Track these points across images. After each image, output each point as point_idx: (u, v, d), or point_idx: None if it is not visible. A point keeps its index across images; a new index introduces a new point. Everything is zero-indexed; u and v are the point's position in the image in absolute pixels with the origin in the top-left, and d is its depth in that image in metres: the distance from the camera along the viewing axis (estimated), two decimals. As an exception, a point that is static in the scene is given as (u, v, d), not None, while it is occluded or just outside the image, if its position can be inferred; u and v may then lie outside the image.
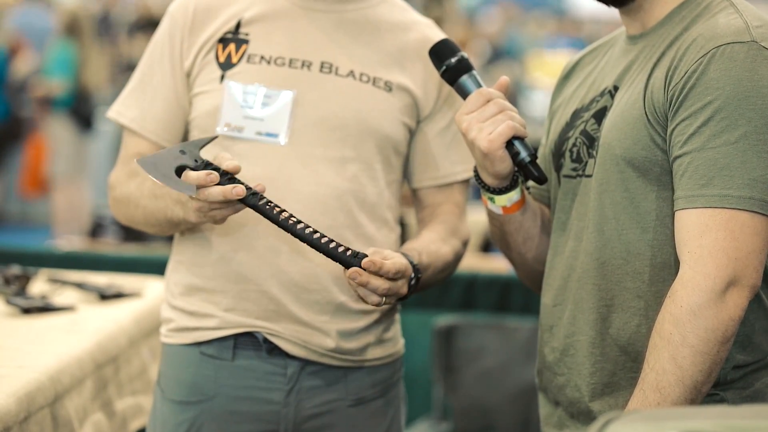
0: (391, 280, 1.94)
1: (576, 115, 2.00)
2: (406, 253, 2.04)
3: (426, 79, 2.22)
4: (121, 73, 9.52)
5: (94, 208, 7.91)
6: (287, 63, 2.18)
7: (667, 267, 1.83)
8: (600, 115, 1.93)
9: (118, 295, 2.93)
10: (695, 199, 1.76)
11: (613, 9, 1.96)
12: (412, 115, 2.22)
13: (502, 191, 1.98)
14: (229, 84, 2.17)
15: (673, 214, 1.80)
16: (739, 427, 1.31)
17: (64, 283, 2.98)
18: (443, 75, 2.01)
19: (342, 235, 2.12)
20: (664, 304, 1.76)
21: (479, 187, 2.00)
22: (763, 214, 1.74)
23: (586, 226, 1.92)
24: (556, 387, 1.98)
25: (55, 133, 8.45)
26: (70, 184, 8.52)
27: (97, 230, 6.56)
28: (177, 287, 2.23)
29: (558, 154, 2.01)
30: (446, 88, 2.21)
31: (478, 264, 4.59)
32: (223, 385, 2.19)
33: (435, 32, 2.23)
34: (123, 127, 2.27)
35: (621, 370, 1.88)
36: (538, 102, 11.26)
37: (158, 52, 2.25)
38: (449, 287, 4.01)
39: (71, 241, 6.93)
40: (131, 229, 5.32)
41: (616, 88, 1.93)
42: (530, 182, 2.08)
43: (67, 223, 8.41)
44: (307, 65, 2.18)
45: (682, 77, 1.79)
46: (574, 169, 1.97)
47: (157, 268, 3.18)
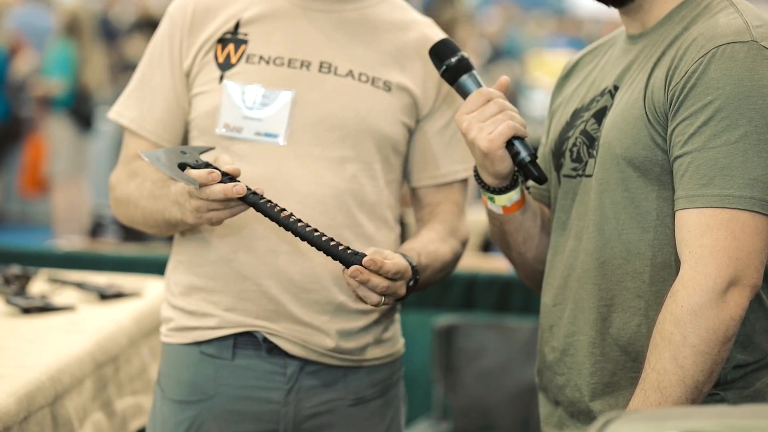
0: (391, 280, 1.94)
1: (576, 114, 2.00)
2: (405, 254, 2.04)
3: (425, 79, 2.22)
4: (121, 73, 9.51)
5: (94, 208, 7.91)
6: (286, 63, 2.17)
7: (668, 267, 1.83)
8: (600, 115, 1.93)
9: (118, 295, 2.93)
10: (696, 198, 1.75)
11: (612, 9, 1.96)
12: (411, 115, 2.22)
13: (502, 191, 1.98)
14: (228, 84, 2.17)
15: (674, 213, 1.80)
16: (739, 426, 1.31)
17: (64, 283, 2.98)
18: (443, 75, 2.00)
19: (341, 235, 2.12)
20: (665, 304, 1.76)
21: (479, 186, 2.00)
22: (764, 214, 1.74)
23: (586, 225, 1.92)
24: (556, 387, 1.97)
25: (55, 133, 8.43)
26: (70, 183, 8.51)
27: (97, 230, 6.56)
28: (177, 287, 2.23)
29: (558, 154, 2.01)
30: (445, 87, 2.21)
31: (478, 264, 4.59)
32: (223, 384, 2.19)
33: (435, 31, 2.23)
34: (123, 127, 2.27)
35: (621, 370, 1.87)
36: (538, 101, 11.26)
37: (158, 53, 2.25)
38: (449, 287, 4.01)
39: (71, 241, 6.93)
40: (131, 229, 5.32)
41: (616, 88, 1.93)
42: (530, 182, 2.08)
43: (67, 223, 8.40)
44: (306, 65, 2.17)
45: (683, 77, 1.79)
46: (574, 169, 1.96)
47: (157, 267, 3.18)
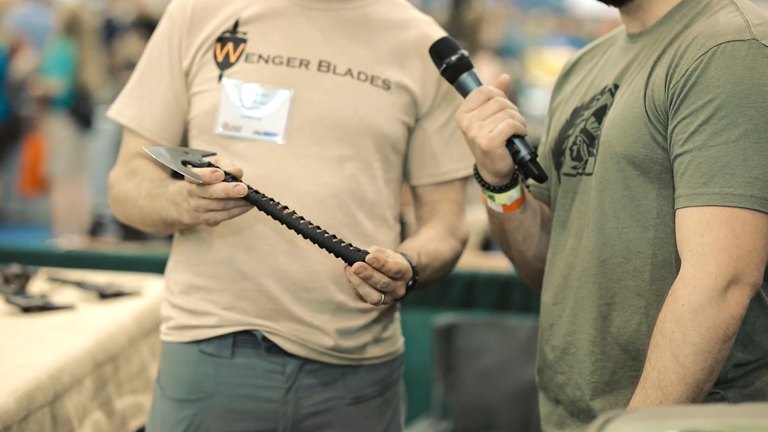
0: (391, 278, 1.94)
1: (576, 113, 2.00)
2: (406, 254, 2.04)
3: (424, 77, 2.22)
4: (118, 73, 9.50)
5: (94, 207, 7.91)
6: (285, 62, 2.17)
7: (668, 265, 1.83)
8: (600, 114, 1.93)
9: (118, 294, 2.93)
10: (696, 197, 1.75)
11: (613, 8, 1.96)
12: (411, 113, 2.22)
13: (502, 189, 1.97)
14: (227, 83, 2.17)
15: (674, 212, 1.80)
16: (739, 426, 1.31)
17: (64, 282, 2.98)
18: (443, 73, 2.00)
19: (340, 234, 2.12)
20: (665, 303, 1.76)
21: (479, 185, 2.00)
22: (764, 213, 1.73)
23: (586, 224, 1.91)
24: (556, 385, 1.97)
25: (55, 132, 8.43)
26: (70, 183, 8.51)
27: (96, 229, 6.56)
28: (176, 286, 2.23)
29: (558, 153, 2.01)
30: (445, 85, 2.20)
31: (478, 263, 4.59)
32: (223, 383, 2.19)
33: (434, 30, 2.23)
34: (122, 126, 2.27)
35: (621, 369, 1.87)
36: (538, 100, 11.25)
37: (157, 52, 2.25)
38: (449, 286, 4.00)
39: (71, 240, 6.92)
40: (131, 228, 5.31)
41: (617, 87, 1.93)
42: (530, 180, 2.08)
43: (66, 222, 8.40)
44: (305, 64, 2.17)
45: (683, 75, 1.79)
46: (574, 168, 1.96)
47: (157, 267, 3.18)
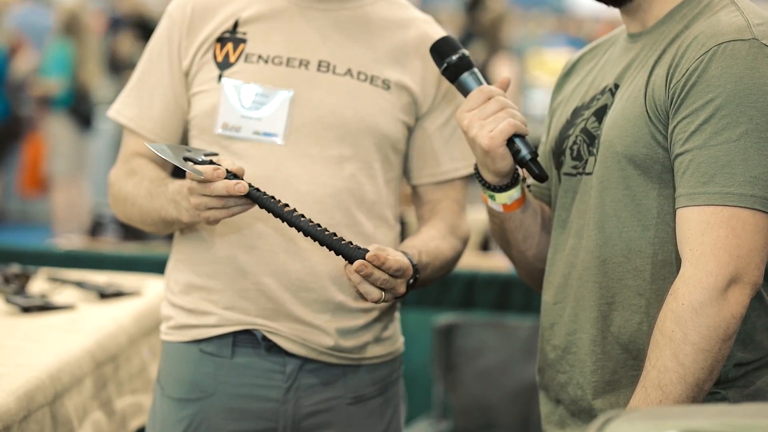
0: (392, 276, 1.94)
1: (576, 113, 2.00)
2: (406, 252, 2.04)
3: (424, 76, 2.22)
4: (113, 72, 9.50)
5: (94, 207, 7.90)
6: (285, 62, 2.17)
7: (668, 265, 1.83)
8: (600, 113, 1.93)
9: (118, 294, 2.93)
10: (697, 196, 1.75)
11: (613, 8, 1.96)
12: (411, 113, 2.22)
13: (502, 189, 1.97)
14: (227, 83, 2.17)
15: (674, 211, 1.80)
16: (740, 426, 1.31)
17: (64, 282, 2.98)
18: (444, 72, 2.00)
19: (340, 234, 2.12)
20: (665, 302, 1.76)
21: (480, 184, 2.00)
22: (765, 212, 1.73)
23: (586, 223, 1.91)
24: (557, 385, 1.97)
25: (55, 132, 8.43)
26: (70, 182, 8.50)
27: (96, 229, 6.55)
28: (177, 285, 2.23)
29: (558, 152, 2.01)
30: (445, 84, 2.20)
31: (478, 262, 4.59)
32: (223, 382, 2.19)
33: (434, 29, 2.23)
34: (122, 126, 2.27)
35: (622, 368, 1.87)
36: (538, 100, 11.25)
37: (156, 52, 2.25)
38: (449, 286, 4.00)
39: (71, 240, 6.92)
40: (131, 227, 5.31)
41: (617, 86, 1.93)
42: (531, 180, 2.08)
43: (66, 222, 8.39)
44: (305, 64, 2.17)
45: (684, 75, 1.79)
46: (575, 167, 1.96)
47: (157, 266, 3.18)
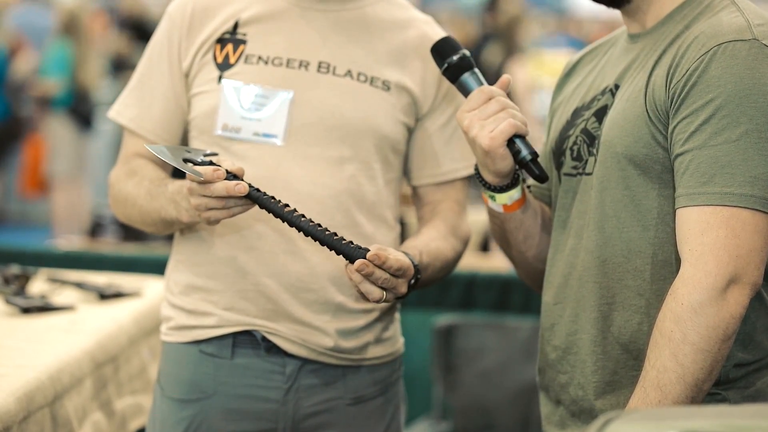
0: (393, 276, 1.94)
1: (577, 113, 2.00)
2: (407, 252, 2.03)
3: (425, 77, 2.21)
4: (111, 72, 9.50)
5: (94, 208, 7.90)
6: (285, 63, 2.17)
7: (668, 265, 1.83)
8: (601, 114, 1.93)
9: (118, 295, 2.93)
10: (696, 196, 1.75)
11: (613, 9, 1.96)
12: (411, 114, 2.22)
13: (502, 189, 1.97)
14: (227, 85, 2.17)
15: (674, 212, 1.80)
16: (740, 426, 1.31)
17: (64, 283, 2.98)
18: (445, 72, 2.00)
19: (340, 235, 2.12)
20: (665, 302, 1.76)
21: (480, 185, 2.00)
22: (765, 212, 1.73)
23: (586, 224, 1.91)
24: (558, 385, 1.97)
25: (55, 133, 8.42)
26: (70, 183, 8.50)
27: (96, 230, 6.55)
28: (177, 286, 2.23)
29: (558, 153, 2.01)
30: (445, 84, 2.20)
31: (478, 263, 4.59)
32: (222, 383, 2.19)
33: (434, 29, 2.23)
34: (122, 126, 2.27)
35: (623, 369, 1.87)
36: (538, 101, 11.24)
37: (157, 53, 2.24)
38: (449, 286, 4.00)
39: (71, 241, 6.92)
40: (131, 228, 5.32)
41: (617, 87, 1.93)
42: (531, 180, 2.08)
43: (66, 223, 8.39)
44: (305, 65, 2.17)
45: (684, 75, 1.79)
46: (575, 167, 1.96)
47: (157, 267, 3.18)
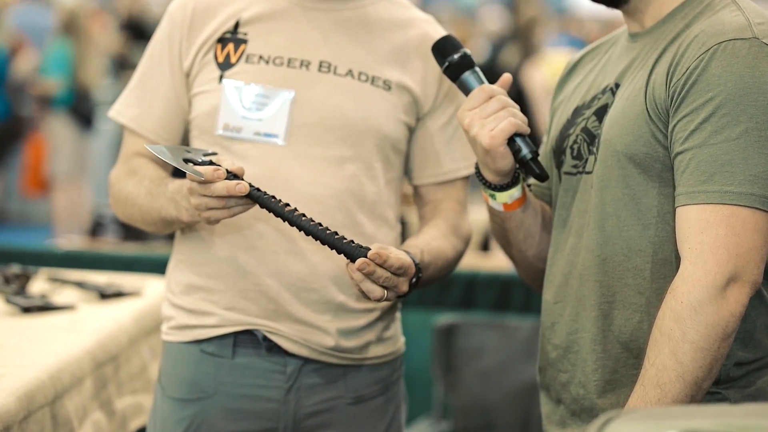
0: (394, 274, 1.94)
1: (577, 112, 2.00)
2: (409, 251, 2.03)
3: (425, 76, 2.21)
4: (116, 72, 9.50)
5: (95, 207, 7.91)
6: (286, 63, 2.17)
7: (668, 263, 1.83)
8: (601, 113, 1.93)
9: (118, 294, 2.93)
10: (696, 195, 1.75)
11: (614, 8, 1.96)
12: (412, 113, 2.22)
13: (503, 188, 1.97)
14: (228, 84, 2.17)
15: (674, 210, 1.80)
16: (740, 426, 1.31)
17: (64, 282, 2.98)
18: (446, 71, 2.00)
19: (341, 234, 2.12)
20: (664, 300, 1.76)
21: (480, 184, 2.00)
22: (764, 211, 1.73)
23: (586, 222, 1.91)
24: (559, 384, 1.97)
25: (56, 132, 8.42)
26: (71, 183, 8.50)
27: (97, 229, 6.55)
28: (178, 286, 2.23)
29: (559, 151, 2.01)
30: (446, 83, 2.20)
31: (479, 262, 4.59)
32: (223, 382, 2.19)
33: (435, 28, 2.23)
34: (123, 126, 2.27)
35: (623, 367, 1.87)
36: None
37: (157, 52, 2.24)
38: (449, 286, 4.00)
39: (71, 240, 6.93)
40: (131, 228, 5.32)
41: (618, 86, 1.93)
42: (531, 179, 2.08)
43: (67, 222, 8.39)
44: (306, 65, 2.17)
45: (684, 73, 1.79)
46: (575, 166, 1.96)
47: (157, 267, 3.18)
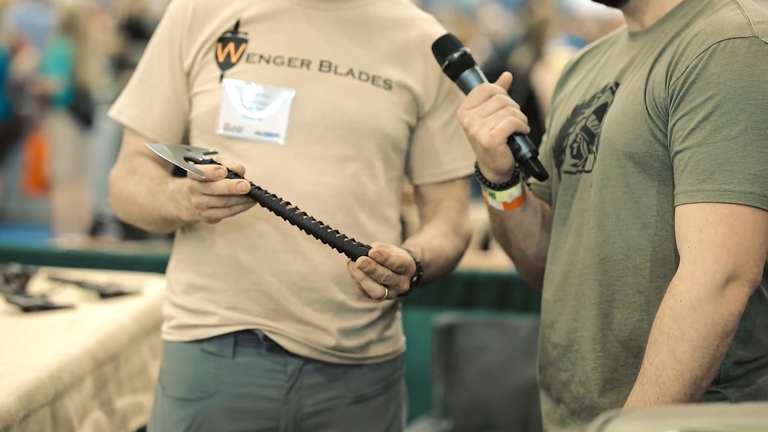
0: (395, 273, 1.94)
1: (577, 111, 2.00)
2: (410, 250, 2.03)
3: (426, 75, 2.22)
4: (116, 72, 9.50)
5: (95, 207, 7.91)
6: (286, 62, 2.17)
7: (668, 262, 1.83)
8: (601, 112, 1.93)
9: (118, 294, 2.93)
10: (695, 193, 1.75)
11: (614, 8, 1.96)
12: (413, 112, 2.22)
13: (503, 187, 1.97)
14: (228, 84, 2.17)
15: (674, 209, 1.80)
16: (740, 425, 1.31)
17: (64, 282, 2.98)
18: (446, 70, 2.00)
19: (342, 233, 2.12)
20: (664, 299, 1.76)
21: (480, 182, 2.00)
22: (764, 209, 1.73)
23: (586, 221, 1.91)
24: (559, 383, 1.97)
25: (56, 132, 8.42)
26: (71, 182, 8.50)
27: (97, 228, 6.56)
28: (178, 285, 2.23)
29: (558, 150, 2.01)
30: (447, 83, 2.20)
31: (479, 262, 4.59)
32: (224, 382, 2.19)
33: (435, 28, 2.23)
34: (123, 125, 2.27)
35: (623, 366, 1.87)
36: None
37: (158, 52, 2.24)
38: (449, 285, 4.00)
39: (71, 240, 6.93)
40: (131, 227, 5.32)
41: (618, 85, 1.93)
42: (531, 178, 2.08)
43: (67, 222, 8.39)
44: (306, 64, 2.17)
45: (683, 72, 1.79)
46: (574, 165, 1.96)
47: (157, 266, 3.18)
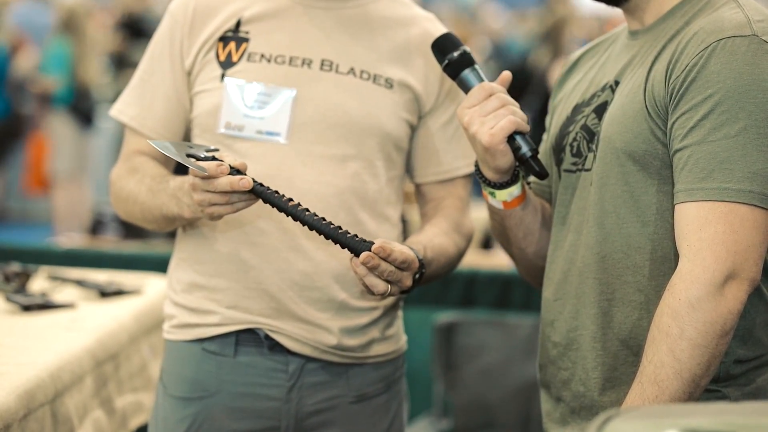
0: (398, 268, 1.94)
1: (577, 109, 2.00)
2: (412, 247, 2.03)
3: (427, 74, 2.22)
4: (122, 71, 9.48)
5: (95, 205, 7.91)
6: (287, 61, 2.17)
7: (668, 261, 1.83)
8: (601, 110, 1.93)
9: (119, 293, 2.93)
10: (695, 192, 1.75)
11: (614, 7, 1.96)
12: (414, 111, 2.22)
13: (502, 186, 1.97)
14: (230, 83, 2.17)
15: (673, 207, 1.80)
16: (740, 424, 1.31)
17: (65, 281, 2.98)
18: (445, 69, 2.00)
19: (343, 232, 2.12)
20: (663, 297, 1.76)
21: (480, 181, 2.00)
22: (763, 208, 1.74)
23: (585, 219, 1.92)
24: (560, 381, 1.97)
25: (56, 131, 8.43)
26: (72, 181, 8.50)
27: (97, 227, 6.57)
28: (179, 284, 2.23)
29: (558, 149, 2.01)
30: (448, 82, 2.20)
31: (479, 261, 4.59)
32: (225, 381, 2.19)
33: (436, 26, 2.23)
34: (124, 125, 2.27)
35: (622, 365, 1.87)
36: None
37: (158, 51, 2.24)
38: (450, 284, 4.00)
39: (72, 239, 6.93)
40: (131, 226, 5.33)
41: (617, 83, 1.93)
42: (531, 177, 2.08)
43: (67, 221, 8.39)
44: (308, 63, 2.17)
45: (683, 70, 1.79)
46: (574, 164, 1.97)
47: (158, 265, 3.18)
